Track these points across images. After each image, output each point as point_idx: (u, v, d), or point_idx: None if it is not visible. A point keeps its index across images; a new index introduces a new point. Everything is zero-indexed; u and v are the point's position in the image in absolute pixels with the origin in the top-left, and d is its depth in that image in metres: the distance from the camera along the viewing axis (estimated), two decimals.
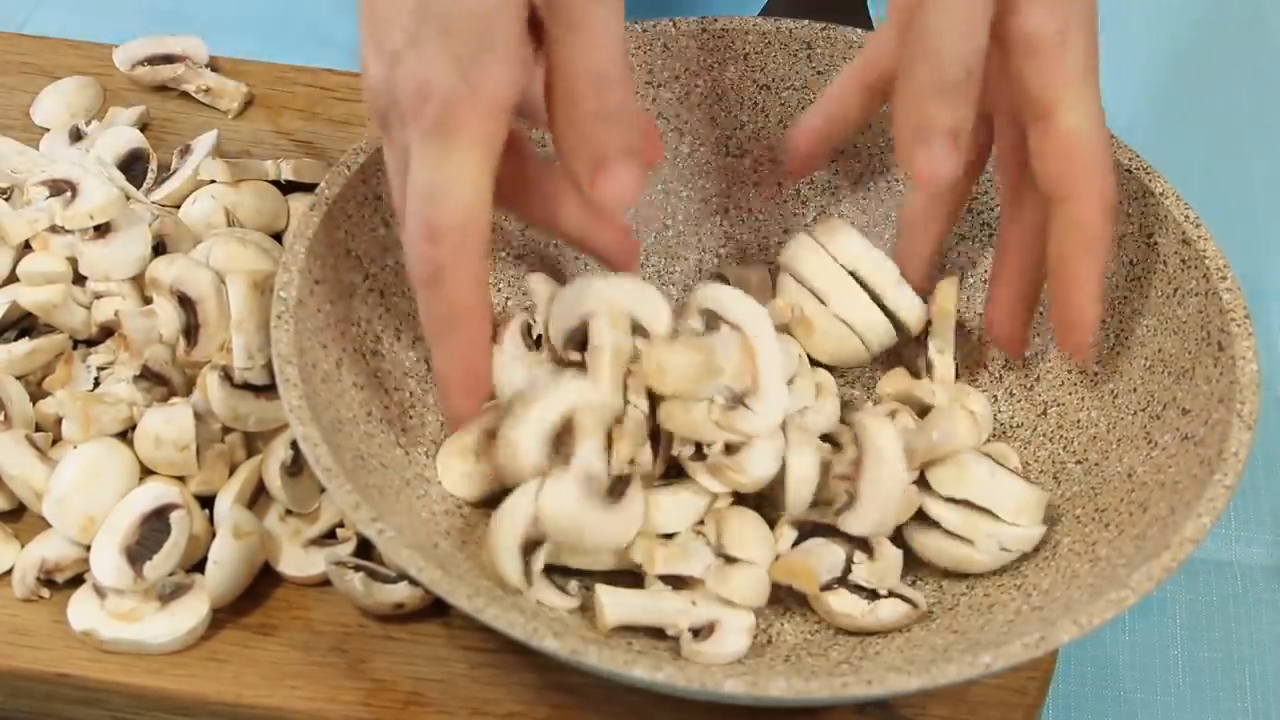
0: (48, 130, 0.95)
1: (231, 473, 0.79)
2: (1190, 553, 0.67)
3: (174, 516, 0.75)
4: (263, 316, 0.78)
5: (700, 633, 0.72)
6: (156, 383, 0.80)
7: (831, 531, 0.73)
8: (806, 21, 0.84)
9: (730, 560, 0.73)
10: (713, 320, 0.75)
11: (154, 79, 0.98)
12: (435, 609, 0.75)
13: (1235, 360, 0.73)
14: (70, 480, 0.76)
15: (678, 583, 0.73)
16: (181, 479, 0.78)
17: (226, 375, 0.78)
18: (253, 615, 0.75)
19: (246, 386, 0.78)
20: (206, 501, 0.78)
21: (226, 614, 0.75)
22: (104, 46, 0.99)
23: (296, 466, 0.77)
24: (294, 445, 0.77)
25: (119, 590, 0.74)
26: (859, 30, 0.84)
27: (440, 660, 0.74)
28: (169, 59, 0.98)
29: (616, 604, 0.72)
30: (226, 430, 0.79)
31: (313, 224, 0.76)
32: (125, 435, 0.79)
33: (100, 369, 0.81)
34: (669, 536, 0.73)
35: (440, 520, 0.74)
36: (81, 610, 0.74)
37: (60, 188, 0.85)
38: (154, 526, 0.75)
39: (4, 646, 0.74)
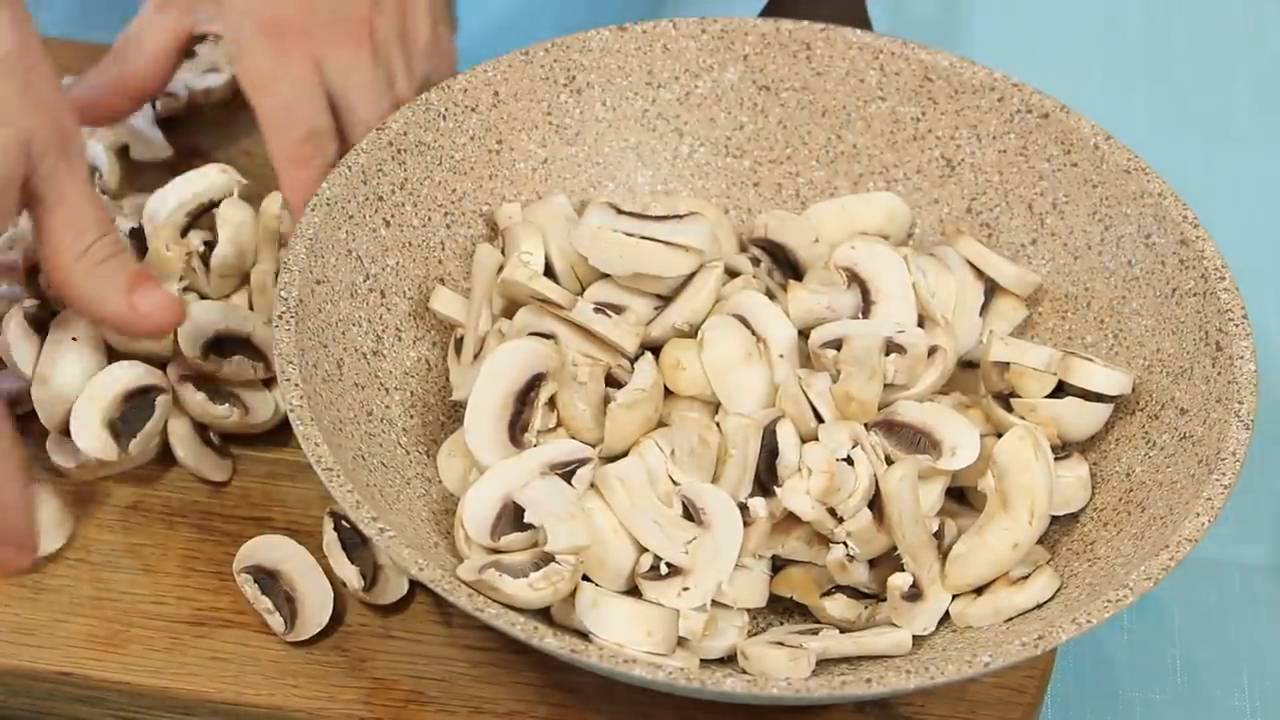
0: None
1: None
2: (1188, 552, 0.67)
3: (159, 400, 0.77)
4: None
5: None
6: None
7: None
8: (806, 21, 0.85)
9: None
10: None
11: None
12: (436, 608, 0.75)
13: (1233, 360, 0.73)
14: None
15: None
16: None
17: None
18: (254, 614, 0.75)
19: None
20: None
21: (228, 613, 0.76)
22: (104, 47, 0.99)
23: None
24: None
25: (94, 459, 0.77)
26: (859, 30, 0.84)
27: (440, 659, 0.74)
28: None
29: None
30: None
31: (313, 224, 0.76)
32: None
33: None
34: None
35: (440, 520, 0.75)
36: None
37: None
38: (136, 405, 0.77)
39: (5, 646, 0.74)
